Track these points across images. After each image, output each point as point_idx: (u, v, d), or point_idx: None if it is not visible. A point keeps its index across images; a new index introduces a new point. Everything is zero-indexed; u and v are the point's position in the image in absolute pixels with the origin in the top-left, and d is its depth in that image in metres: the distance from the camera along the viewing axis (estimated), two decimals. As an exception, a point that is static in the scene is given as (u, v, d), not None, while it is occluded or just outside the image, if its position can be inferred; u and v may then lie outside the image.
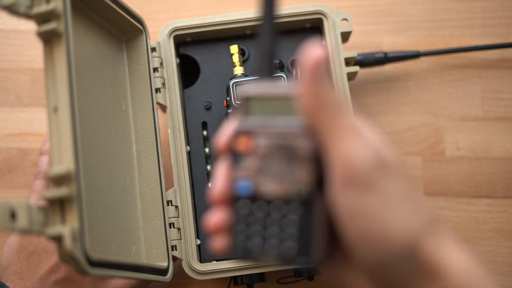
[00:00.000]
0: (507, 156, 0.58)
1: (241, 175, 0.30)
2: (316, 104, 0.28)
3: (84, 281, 0.47)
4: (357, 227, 0.28)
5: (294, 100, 0.29)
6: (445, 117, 0.59)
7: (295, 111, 0.29)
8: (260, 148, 0.29)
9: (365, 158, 0.27)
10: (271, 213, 0.29)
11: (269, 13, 0.31)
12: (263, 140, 0.29)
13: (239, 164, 0.30)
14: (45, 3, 0.36)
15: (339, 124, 0.28)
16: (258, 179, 0.29)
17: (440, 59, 0.60)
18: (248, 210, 0.29)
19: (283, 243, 0.29)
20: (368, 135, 0.28)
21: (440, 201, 0.57)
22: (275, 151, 0.29)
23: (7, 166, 0.58)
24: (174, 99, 0.51)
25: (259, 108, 0.30)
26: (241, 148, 0.30)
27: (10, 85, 0.60)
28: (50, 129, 0.36)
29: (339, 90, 0.51)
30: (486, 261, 0.56)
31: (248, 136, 0.30)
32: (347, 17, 0.53)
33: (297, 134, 0.29)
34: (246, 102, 0.30)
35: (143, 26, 0.51)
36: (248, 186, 0.29)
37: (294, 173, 0.29)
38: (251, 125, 0.30)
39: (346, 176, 0.27)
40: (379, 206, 0.27)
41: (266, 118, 0.30)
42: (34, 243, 0.48)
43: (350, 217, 0.28)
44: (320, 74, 0.28)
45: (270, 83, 0.30)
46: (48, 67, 0.37)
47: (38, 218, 0.33)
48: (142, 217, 0.50)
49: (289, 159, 0.29)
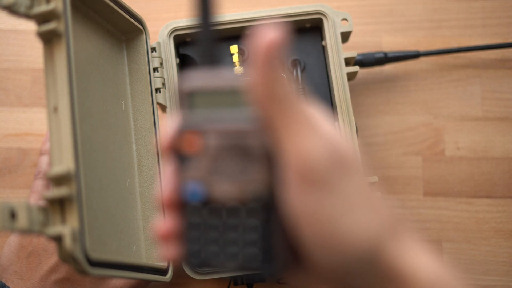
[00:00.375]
0: (507, 156, 0.58)
1: (190, 177, 0.26)
2: (268, 94, 0.25)
3: (84, 281, 0.47)
4: (313, 230, 0.25)
5: (243, 90, 0.26)
6: (445, 117, 0.59)
7: (244, 102, 0.26)
8: (209, 147, 0.26)
9: (320, 154, 0.25)
10: (227, 218, 0.26)
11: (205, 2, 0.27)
12: (211, 137, 0.26)
13: (187, 164, 0.26)
14: (45, 3, 0.36)
15: (292, 116, 0.25)
16: (209, 182, 0.26)
17: (440, 59, 0.60)
18: (201, 216, 0.26)
19: (244, 251, 0.26)
20: (324, 128, 0.26)
21: (440, 201, 0.57)
22: (226, 149, 0.26)
23: (7, 166, 0.58)
24: (174, 99, 0.52)
25: (205, 101, 0.26)
26: (187, 148, 0.26)
27: (10, 85, 0.60)
28: (50, 129, 0.36)
29: (339, 90, 0.51)
30: (486, 261, 0.56)
31: (194, 134, 0.26)
32: (347, 17, 0.53)
33: (249, 129, 0.26)
34: (189, 95, 0.27)
35: (143, 26, 0.51)
36: (198, 190, 0.26)
37: (249, 172, 0.26)
38: (196, 121, 0.26)
39: (300, 173, 0.25)
40: (336, 207, 0.25)
41: (213, 112, 0.26)
42: (34, 243, 0.48)
43: (305, 219, 0.25)
44: (273, 60, 0.25)
45: (214, 73, 0.27)
46: (48, 67, 0.37)
47: (38, 218, 0.33)
48: (142, 217, 0.50)
49: (242, 157, 0.26)
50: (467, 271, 0.56)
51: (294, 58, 0.54)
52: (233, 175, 0.26)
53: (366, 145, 0.58)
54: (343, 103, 0.51)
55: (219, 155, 0.26)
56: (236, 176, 0.26)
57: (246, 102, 0.26)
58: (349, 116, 0.51)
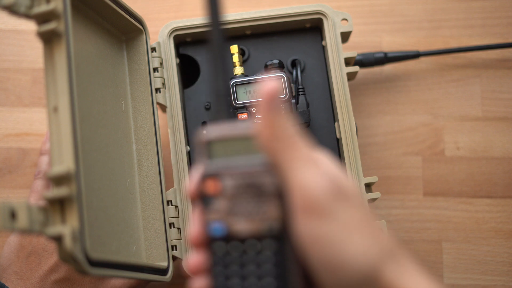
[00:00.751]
0: (506, 156, 0.58)
1: (213, 217, 0.30)
2: (272, 134, 0.29)
3: (83, 280, 0.47)
4: (318, 255, 0.28)
5: (253, 137, 0.30)
6: (445, 117, 0.59)
7: (256, 149, 0.30)
8: (228, 189, 0.30)
9: (321, 186, 0.28)
10: (246, 252, 0.30)
11: (220, 57, 0.31)
12: (229, 181, 0.30)
13: (210, 206, 0.30)
14: (45, 3, 0.36)
15: (295, 154, 0.29)
16: (230, 220, 0.30)
17: (440, 59, 0.60)
18: (224, 251, 0.30)
19: (261, 281, 0.29)
20: (324, 163, 0.29)
21: (440, 201, 0.57)
22: (242, 190, 0.30)
23: (7, 166, 0.58)
24: (174, 99, 0.52)
25: (221, 150, 0.31)
26: (209, 192, 0.30)
27: (10, 85, 0.60)
28: (50, 129, 0.36)
29: (339, 90, 0.51)
30: (486, 261, 0.56)
31: (214, 179, 0.30)
32: (347, 17, 0.53)
33: (261, 171, 0.30)
34: (208, 146, 0.31)
35: (143, 26, 0.51)
36: (221, 228, 0.30)
37: (263, 210, 0.30)
38: (215, 168, 0.30)
39: (304, 204, 0.28)
40: (337, 234, 0.28)
41: (229, 159, 0.30)
42: (34, 243, 0.48)
43: (311, 245, 0.28)
44: (274, 105, 0.29)
45: (228, 124, 0.31)
46: (48, 67, 0.37)
47: (38, 218, 0.33)
48: (142, 217, 0.50)
49: (256, 196, 0.30)
50: (467, 271, 0.56)
51: (294, 58, 0.54)
52: (249, 213, 0.30)
53: (366, 145, 0.58)
54: (343, 103, 0.51)
55: (236, 196, 0.30)
56: (252, 214, 0.30)
57: (257, 146, 0.30)
58: (349, 116, 0.51)
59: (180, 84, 0.54)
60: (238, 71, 0.52)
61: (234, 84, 0.50)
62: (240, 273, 0.30)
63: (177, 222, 0.50)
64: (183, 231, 0.50)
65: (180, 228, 0.50)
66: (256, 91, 0.29)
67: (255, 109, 0.47)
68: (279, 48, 0.55)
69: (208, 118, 0.54)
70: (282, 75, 0.50)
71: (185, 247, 0.49)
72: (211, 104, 0.49)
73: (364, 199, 0.30)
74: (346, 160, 0.50)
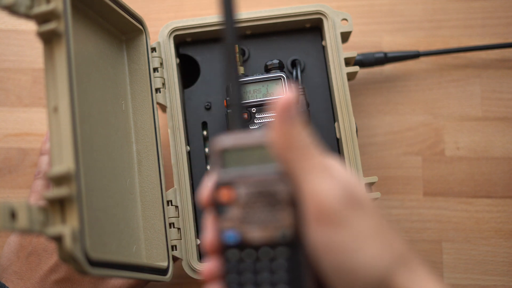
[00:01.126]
0: (506, 156, 0.58)
1: (227, 225, 0.30)
2: (286, 144, 0.29)
3: (83, 280, 0.47)
4: (331, 262, 0.29)
5: (268, 146, 0.30)
6: (445, 117, 0.59)
7: (270, 158, 0.31)
8: (242, 198, 0.30)
9: (334, 195, 0.28)
10: (260, 259, 0.30)
11: (233, 69, 0.32)
12: (243, 190, 0.30)
13: (224, 214, 0.31)
14: (45, 3, 0.36)
15: (309, 163, 0.29)
16: (243, 228, 0.30)
17: (440, 59, 0.60)
18: (238, 258, 0.30)
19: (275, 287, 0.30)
20: (338, 172, 0.29)
21: (440, 201, 0.57)
22: (256, 198, 0.30)
23: (7, 166, 0.58)
24: (174, 99, 0.52)
25: (235, 158, 0.31)
26: (223, 200, 0.31)
27: (10, 85, 0.60)
28: (50, 129, 0.36)
29: (339, 90, 0.51)
30: (485, 261, 0.56)
31: (228, 188, 0.31)
32: (347, 17, 0.53)
33: (274, 180, 0.30)
34: (222, 154, 0.31)
35: (143, 26, 0.51)
36: (235, 236, 0.30)
37: (276, 217, 0.30)
38: (229, 177, 0.31)
39: (317, 213, 0.28)
40: (349, 241, 0.28)
41: (243, 168, 0.31)
42: (34, 243, 0.48)
43: (324, 252, 0.29)
44: (289, 115, 0.29)
45: (242, 133, 0.31)
46: (48, 67, 0.37)
47: (38, 218, 0.33)
48: (142, 217, 0.50)
49: (270, 204, 0.30)
50: (467, 271, 0.56)
51: (294, 58, 0.54)
52: (263, 221, 0.30)
53: (366, 145, 0.58)
54: (343, 103, 0.51)
55: (250, 204, 0.30)
56: (265, 221, 0.30)
57: (271, 156, 0.30)
58: (349, 116, 0.51)
59: (180, 84, 0.54)
60: (238, 71, 0.52)
61: (234, 84, 0.50)
62: (254, 280, 0.30)
63: (177, 222, 0.50)
64: (183, 231, 0.50)
65: (180, 228, 0.50)
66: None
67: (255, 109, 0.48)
68: (279, 48, 0.55)
69: (208, 118, 0.54)
70: (282, 75, 0.50)
71: (185, 247, 0.49)
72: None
73: (377, 205, 0.31)
74: (346, 160, 0.50)
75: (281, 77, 0.49)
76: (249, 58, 0.55)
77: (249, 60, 0.55)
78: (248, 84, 0.50)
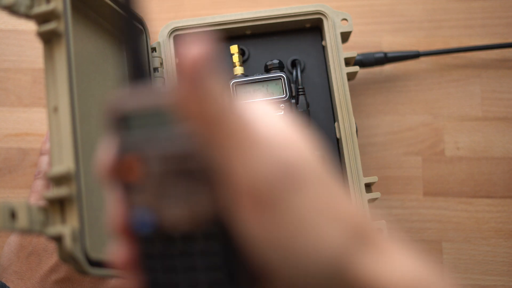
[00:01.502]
0: (506, 156, 0.58)
1: (137, 205, 0.24)
2: (200, 112, 0.22)
3: (83, 281, 0.47)
4: (278, 254, 0.23)
5: (176, 108, 0.23)
6: (445, 117, 0.59)
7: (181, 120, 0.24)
8: (152, 171, 0.24)
9: (264, 172, 0.22)
10: (183, 244, 0.24)
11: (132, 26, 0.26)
12: (152, 161, 0.23)
13: (131, 192, 0.24)
14: (45, 3, 0.36)
15: (230, 134, 0.22)
16: (157, 208, 0.24)
17: (440, 59, 0.60)
18: (154, 244, 0.24)
19: (207, 276, 0.24)
20: (269, 136, 0.23)
21: (439, 201, 0.57)
22: (170, 171, 0.23)
23: (7, 166, 0.58)
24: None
25: (140, 121, 0.24)
26: (129, 173, 0.24)
27: (10, 85, 0.60)
28: (50, 129, 0.36)
29: (339, 90, 0.51)
30: (485, 261, 0.56)
31: (133, 158, 0.24)
32: (347, 17, 0.53)
33: (190, 149, 0.23)
34: (123, 117, 0.24)
35: (143, 26, 0.51)
36: (148, 218, 0.24)
37: (199, 194, 0.23)
38: (134, 144, 0.24)
39: (249, 196, 0.22)
40: (293, 227, 0.23)
41: (150, 132, 0.24)
42: (34, 243, 0.48)
43: (267, 244, 0.23)
44: (201, 76, 0.22)
45: (145, 90, 0.24)
46: (48, 67, 0.37)
47: (38, 218, 0.33)
48: (142, 217, 0.50)
49: (189, 178, 0.23)
50: (467, 271, 0.56)
51: (294, 58, 0.54)
52: (181, 198, 0.23)
53: (366, 145, 0.58)
54: (343, 103, 0.51)
55: (163, 179, 0.24)
56: (185, 199, 0.23)
57: (182, 119, 0.23)
58: (349, 116, 0.51)
59: (180, 84, 0.54)
60: (238, 71, 0.52)
61: (234, 84, 0.50)
62: (178, 268, 0.24)
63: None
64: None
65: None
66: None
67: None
68: (279, 48, 0.55)
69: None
70: (282, 75, 0.50)
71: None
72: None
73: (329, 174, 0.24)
74: (346, 160, 0.50)
75: (281, 77, 0.49)
76: (249, 58, 0.55)
77: (249, 60, 0.55)
78: (248, 84, 0.50)
